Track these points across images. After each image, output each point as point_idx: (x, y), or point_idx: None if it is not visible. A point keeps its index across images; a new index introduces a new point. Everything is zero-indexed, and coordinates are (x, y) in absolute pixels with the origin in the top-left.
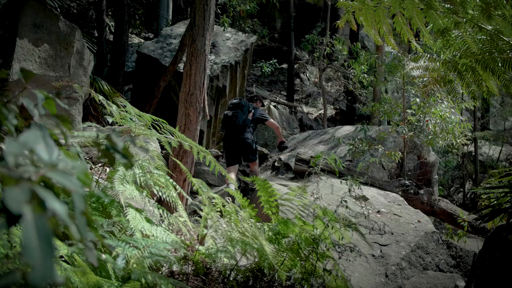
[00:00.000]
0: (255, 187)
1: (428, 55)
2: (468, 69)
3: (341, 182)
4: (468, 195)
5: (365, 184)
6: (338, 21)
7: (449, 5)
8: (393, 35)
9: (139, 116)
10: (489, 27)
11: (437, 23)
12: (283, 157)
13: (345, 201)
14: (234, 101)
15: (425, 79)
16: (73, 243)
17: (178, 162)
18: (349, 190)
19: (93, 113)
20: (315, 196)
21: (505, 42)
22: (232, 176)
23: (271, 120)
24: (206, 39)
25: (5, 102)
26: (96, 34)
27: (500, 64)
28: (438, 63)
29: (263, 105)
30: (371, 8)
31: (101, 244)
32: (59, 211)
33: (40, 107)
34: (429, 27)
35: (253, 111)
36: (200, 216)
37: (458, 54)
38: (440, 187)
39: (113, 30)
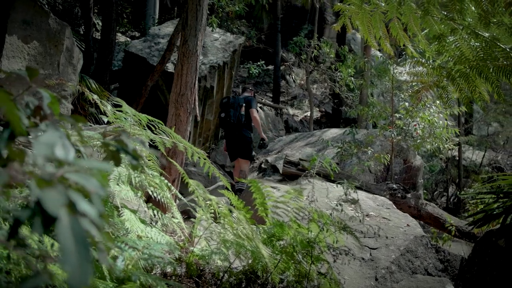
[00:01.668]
0: (243, 188)
1: (423, 60)
2: (462, 75)
3: (337, 185)
4: (452, 199)
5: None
6: (335, 25)
7: (447, 12)
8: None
9: (134, 116)
10: (486, 34)
11: (434, 29)
12: (269, 158)
13: (341, 205)
14: (224, 100)
15: (413, 84)
16: None
17: (175, 163)
18: (345, 194)
19: (80, 111)
20: (310, 199)
21: (501, 49)
22: (237, 167)
23: (254, 111)
24: (198, 40)
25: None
26: (82, 32)
27: (493, 72)
28: (431, 68)
29: (254, 96)
30: (367, 13)
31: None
32: (91, 213)
33: (46, 107)
34: (424, 32)
35: (244, 105)
36: (190, 217)
37: (453, 60)
38: (424, 191)
39: (99, 28)
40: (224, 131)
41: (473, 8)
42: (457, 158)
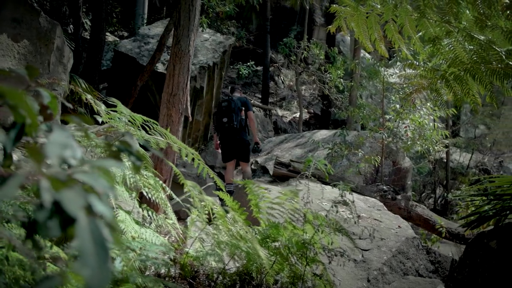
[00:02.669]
0: (233, 189)
1: (416, 63)
2: (456, 78)
3: (332, 187)
4: (439, 201)
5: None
6: (330, 26)
7: (443, 15)
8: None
9: (129, 116)
10: (482, 37)
11: (429, 31)
12: (259, 160)
13: (336, 206)
14: (224, 104)
15: (405, 86)
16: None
17: (172, 164)
18: (341, 196)
19: (69, 111)
20: (305, 201)
21: (496, 52)
22: (230, 169)
23: (252, 113)
24: (191, 40)
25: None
26: (70, 31)
27: (487, 75)
28: (423, 70)
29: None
30: (363, 15)
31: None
32: (107, 214)
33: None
34: (419, 34)
35: (243, 108)
36: (181, 217)
37: (447, 62)
38: (413, 193)
39: (87, 28)
40: (224, 134)
41: (467, 11)
42: (445, 160)
